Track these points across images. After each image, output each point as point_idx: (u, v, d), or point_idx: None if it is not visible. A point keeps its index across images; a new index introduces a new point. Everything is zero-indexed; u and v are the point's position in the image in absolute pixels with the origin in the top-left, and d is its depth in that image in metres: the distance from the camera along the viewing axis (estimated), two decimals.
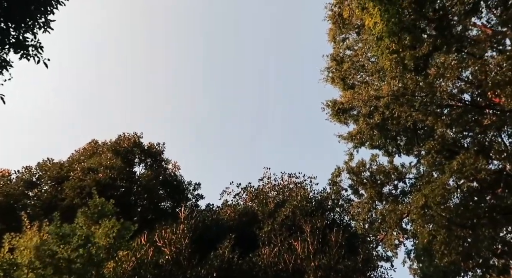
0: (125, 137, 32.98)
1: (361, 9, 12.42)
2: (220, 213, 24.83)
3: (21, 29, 11.78)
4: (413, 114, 17.84)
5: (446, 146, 18.29)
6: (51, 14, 11.97)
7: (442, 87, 16.22)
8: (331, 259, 15.57)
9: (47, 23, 12.02)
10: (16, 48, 11.87)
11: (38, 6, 11.81)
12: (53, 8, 12.03)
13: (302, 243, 16.75)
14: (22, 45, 11.90)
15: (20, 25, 11.71)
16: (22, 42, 11.89)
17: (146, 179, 31.99)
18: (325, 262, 15.51)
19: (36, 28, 12.00)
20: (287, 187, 22.40)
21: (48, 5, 11.97)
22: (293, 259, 16.06)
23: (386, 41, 12.21)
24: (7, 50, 11.92)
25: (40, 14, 11.93)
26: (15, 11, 11.30)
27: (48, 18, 11.91)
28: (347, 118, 23.06)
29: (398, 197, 24.69)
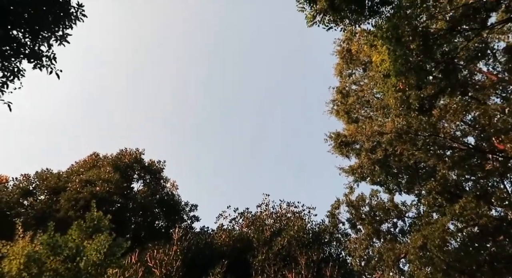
0: (127, 152, 33.08)
1: (369, 46, 12.70)
2: (215, 237, 24.45)
3: (37, 41, 12.08)
4: (416, 153, 17.81)
5: (447, 188, 18.13)
6: (69, 28, 12.30)
7: (445, 128, 16.29)
8: None
9: (64, 36, 12.32)
10: (30, 58, 12.12)
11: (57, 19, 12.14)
12: (72, 23, 12.36)
13: (296, 276, 16.35)
14: (36, 56, 12.15)
15: (37, 36, 12.01)
16: (37, 53, 12.14)
17: (143, 196, 31.77)
18: None
19: (52, 40, 12.28)
20: (285, 216, 22.14)
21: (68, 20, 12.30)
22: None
23: (392, 79, 12.40)
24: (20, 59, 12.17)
25: (58, 28, 12.25)
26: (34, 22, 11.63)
27: (65, 32, 12.24)
28: (349, 151, 23.05)
29: (396, 236, 24.21)
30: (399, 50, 11.12)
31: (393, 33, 11.24)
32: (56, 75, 12.36)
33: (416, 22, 11.62)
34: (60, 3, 11.79)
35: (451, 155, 17.54)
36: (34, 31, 11.82)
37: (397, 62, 11.26)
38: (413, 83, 13.05)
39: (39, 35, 11.97)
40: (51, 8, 11.69)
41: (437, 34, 12.13)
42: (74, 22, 12.35)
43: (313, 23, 13.15)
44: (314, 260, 17.34)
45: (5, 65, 11.95)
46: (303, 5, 12.96)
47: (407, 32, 11.07)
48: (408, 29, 11.37)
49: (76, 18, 12.25)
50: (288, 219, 21.77)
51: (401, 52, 11.13)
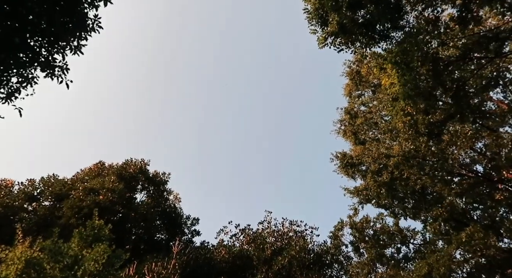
0: (132, 162, 33.18)
1: (379, 69, 12.74)
2: (215, 252, 24.13)
3: (52, 50, 12.29)
4: (423, 178, 17.56)
5: (454, 215, 17.75)
6: (84, 40, 12.50)
7: (454, 155, 16.09)
8: None
9: (79, 47, 12.52)
10: (44, 67, 12.32)
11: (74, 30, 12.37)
12: (87, 34, 12.58)
13: None
14: (50, 65, 12.34)
15: (53, 46, 12.23)
16: (50, 62, 12.34)
17: (145, 207, 31.67)
18: None
19: (67, 50, 12.49)
20: (287, 235, 21.81)
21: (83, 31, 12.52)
22: None
23: (401, 103, 12.38)
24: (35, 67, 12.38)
25: (74, 38, 12.47)
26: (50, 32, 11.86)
27: (80, 43, 12.45)
28: (355, 172, 22.83)
29: (400, 262, 23.63)
30: (408, 75, 11.12)
31: (403, 58, 11.27)
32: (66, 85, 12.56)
33: (427, 48, 11.65)
34: (78, 15, 12.03)
35: (459, 181, 17.26)
36: (50, 41, 12.04)
37: (406, 86, 11.25)
38: (421, 108, 13.01)
39: (55, 45, 12.19)
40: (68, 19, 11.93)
41: (448, 60, 12.13)
42: (90, 34, 12.57)
43: (325, 44, 13.27)
44: None
45: (19, 72, 12.17)
46: (315, 27, 13.13)
47: (417, 57, 11.09)
48: (418, 55, 11.40)
49: (92, 29, 12.46)
50: (289, 238, 21.45)
51: (410, 77, 11.13)
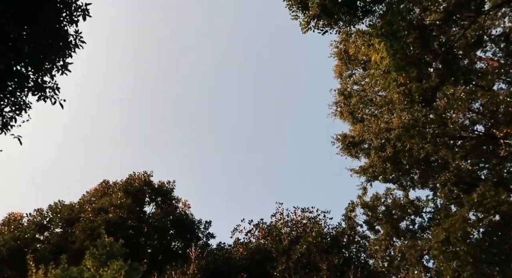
0: (136, 176, 33.15)
1: (366, 45, 12.77)
2: (232, 251, 24.21)
3: (40, 73, 12.22)
4: (426, 146, 17.63)
5: (462, 178, 17.84)
6: (69, 57, 12.44)
7: (453, 119, 16.15)
8: None
9: (65, 66, 12.44)
10: (34, 91, 12.25)
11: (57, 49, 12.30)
12: (71, 52, 12.51)
13: None
14: (40, 88, 12.27)
15: (39, 68, 12.15)
16: (40, 85, 12.26)
17: (156, 218, 31.70)
18: None
19: (54, 71, 12.42)
20: (301, 223, 21.88)
21: (67, 49, 12.45)
22: None
23: (393, 74, 12.40)
24: (26, 93, 12.31)
25: (59, 58, 12.40)
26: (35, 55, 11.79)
27: (66, 61, 12.38)
28: (358, 152, 22.88)
29: (416, 233, 23.76)
30: (397, 45, 11.15)
31: (389, 29, 11.30)
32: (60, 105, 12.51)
33: (410, 16, 11.67)
34: (59, 34, 11.95)
35: (462, 144, 17.35)
36: (36, 64, 11.97)
37: (396, 57, 11.28)
38: (414, 76, 13.04)
39: (41, 67, 12.11)
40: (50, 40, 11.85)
41: (433, 25, 12.16)
42: (74, 50, 12.50)
43: (308, 28, 13.26)
44: (335, 265, 17.05)
45: (11, 100, 12.10)
46: (296, 13, 13.12)
47: (402, 27, 11.12)
48: (403, 24, 11.42)
49: (75, 46, 12.39)
50: (304, 225, 21.52)
51: (398, 47, 11.16)
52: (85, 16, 11.55)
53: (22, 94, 12.23)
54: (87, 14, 11.52)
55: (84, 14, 11.43)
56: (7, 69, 10.90)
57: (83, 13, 11.44)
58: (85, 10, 11.38)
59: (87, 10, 11.47)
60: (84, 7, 11.26)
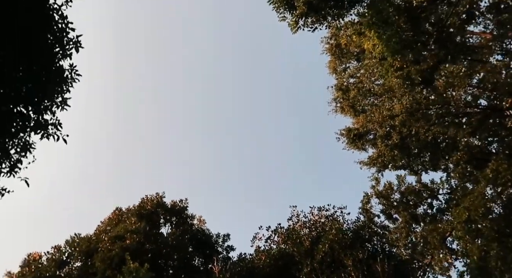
0: (148, 199, 33.11)
1: (358, 35, 12.79)
2: (254, 261, 24.04)
3: (40, 111, 12.24)
4: (432, 128, 17.54)
5: (473, 155, 17.71)
6: (67, 92, 12.45)
7: (454, 96, 16.08)
8: None
9: (64, 101, 12.45)
10: (36, 130, 12.25)
11: (55, 86, 12.33)
12: (68, 87, 12.54)
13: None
14: (42, 126, 12.28)
15: (39, 107, 12.17)
16: (42, 123, 12.27)
17: (173, 238, 31.57)
18: None
19: (54, 108, 12.43)
20: (319, 222, 21.74)
21: (64, 84, 12.47)
22: None
23: (389, 60, 12.40)
24: (28, 132, 12.31)
25: (57, 94, 12.42)
26: (34, 95, 11.81)
27: (64, 96, 12.40)
28: (364, 143, 22.77)
29: (435, 216, 23.52)
30: (390, 31, 11.16)
31: (378, 17, 11.32)
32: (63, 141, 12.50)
33: (397, 0, 11.70)
34: (55, 71, 11.98)
35: (468, 121, 17.25)
36: (36, 103, 11.98)
37: (391, 42, 11.28)
38: (410, 59, 13.03)
39: (41, 106, 12.12)
40: (47, 78, 11.89)
41: (421, 7, 12.18)
42: (71, 85, 12.53)
43: (297, 28, 13.31)
44: (360, 259, 16.89)
45: (14, 142, 12.11)
46: (284, 13, 13.18)
47: (391, 12, 11.13)
48: (392, 10, 11.44)
49: (72, 80, 12.43)
50: (323, 224, 21.38)
51: (392, 32, 11.17)
52: (78, 48, 11.62)
53: (25, 134, 12.26)
54: (79, 46, 11.58)
55: (76, 46, 11.50)
56: (8, 111, 10.94)
57: (76, 46, 11.51)
58: (77, 42, 11.44)
59: (79, 42, 11.53)
60: (75, 40, 11.34)
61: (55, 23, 10.99)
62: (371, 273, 16.21)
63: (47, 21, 10.93)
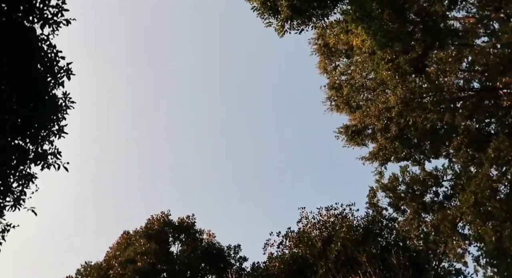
0: (154, 219, 32.89)
1: (345, 32, 12.93)
2: (268, 268, 23.84)
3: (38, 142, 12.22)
4: (428, 116, 17.63)
5: (473, 138, 17.77)
6: (62, 120, 12.45)
7: (447, 82, 16.21)
8: None
9: (61, 129, 12.44)
10: (36, 161, 12.22)
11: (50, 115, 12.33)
12: (63, 114, 12.54)
13: (364, 276, 15.76)
14: (41, 157, 12.25)
15: (36, 138, 12.15)
16: (41, 154, 12.24)
17: (184, 256, 31.31)
18: None
19: (51, 137, 12.42)
20: (328, 222, 21.63)
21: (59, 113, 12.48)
22: None
23: (378, 53, 12.52)
24: (28, 164, 12.28)
25: (53, 123, 12.41)
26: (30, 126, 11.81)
27: (60, 124, 12.39)
28: (364, 139, 22.82)
29: (443, 203, 23.49)
30: (375, 25, 11.29)
31: (362, 12, 11.45)
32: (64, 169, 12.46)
33: None
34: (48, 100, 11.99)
35: (464, 105, 17.36)
36: (32, 134, 11.97)
37: (377, 35, 11.41)
38: (399, 50, 13.16)
39: (38, 136, 12.10)
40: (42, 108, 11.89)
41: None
42: (66, 112, 12.54)
43: (284, 32, 13.45)
44: (374, 254, 16.81)
45: (16, 174, 12.07)
46: (269, 19, 13.33)
47: (374, 6, 11.28)
48: (374, 3, 11.59)
49: (66, 107, 12.44)
50: (332, 223, 21.29)
51: (377, 26, 11.30)
52: (69, 75, 11.66)
53: (25, 167, 12.23)
54: (70, 73, 11.63)
55: (68, 74, 11.55)
56: (7, 144, 10.93)
57: (67, 73, 11.57)
58: (68, 70, 11.50)
59: (70, 70, 11.58)
60: (66, 67, 11.40)
61: (45, 54, 11.06)
62: (386, 267, 16.11)
63: (36, 52, 10.99)
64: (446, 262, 22.89)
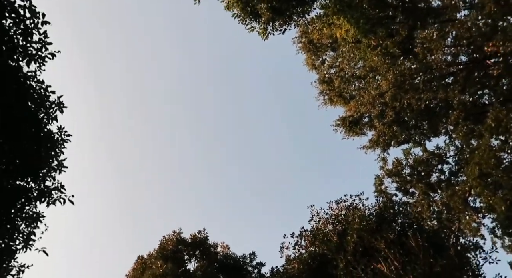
0: (167, 239, 32.72)
1: (327, 26, 13.00)
2: (287, 270, 23.68)
3: (39, 180, 12.09)
4: (422, 96, 17.72)
5: (469, 111, 17.88)
6: (60, 154, 12.34)
7: (435, 60, 16.31)
8: (425, 265, 14.41)
9: (60, 164, 12.33)
10: (40, 199, 12.10)
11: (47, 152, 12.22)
12: (61, 148, 12.43)
13: (385, 263, 15.67)
14: (45, 194, 12.13)
15: (37, 176, 12.02)
16: (44, 191, 12.12)
17: (202, 271, 31.13)
18: (420, 270, 14.34)
19: (52, 173, 12.29)
20: (340, 215, 21.56)
21: (56, 148, 12.36)
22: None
23: (364, 41, 12.57)
24: (34, 203, 12.14)
25: (51, 159, 12.29)
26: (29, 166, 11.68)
27: (59, 159, 12.28)
28: (362, 128, 22.89)
29: (450, 180, 23.56)
30: (356, 13, 11.36)
31: (341, 3, 11.52)
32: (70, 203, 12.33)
33: None
34: (44, 137, 11.88)
35: (455, 80, 17.46)
36: (33, 173, 11.84)
37: (360, 23, 11.48)
38: (384, 34, 13.23)
39: (39, 174, 11.98)
40: (38, 146, 11.78)
41: None
42: (63, 146, 12.43)
43: (267, 34, 13.48)
44: (392, 240, 16.75)
45: (22, 215, 11.93)
46: (250, 24, 13.37)
47: None
48: None
49: (63, 141, 12.33)
50: (345, 216, 21.22)
51: (358, 14, 11.36)
52: (62, 108, 11.57)
53: (31, 207, 12.10)
54: (62, 106, 11.55)
55: (60, 107, 11.47)
56: (9, 186, 10.81)
57: (59, 107, 11.48)
58: (60, 103, 11.41)
59: (62, 103, 11.50)
60: (58, 101, 11.31)
61: (34, 90, 10.98)
62: (406, 251, 16.04)
63: (24, 90, 10.91)
64: (464, 238, 22.87)
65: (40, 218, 12.11)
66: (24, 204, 11.89)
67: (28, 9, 8.64)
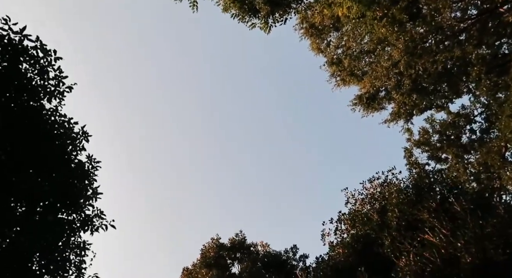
0: (207, 247, 33.15)
1: (328, 6, 12.77)
2: (333, 257, 23.55)
3: (79, 210, 12.40)
4: (436, 58, 17.18)
5: (490, 65, 17.22)
6: (94, 182, 12.62)
7: (444, 18, 15.76)
8: (474, 228, 14.01)
9: (95, 192, 12.60)
10: (83, 227, 12.40)
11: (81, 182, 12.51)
12: (94, 176, 12.71)
13: (432, 232, 15.34)
14: (87, 222, 12.44)
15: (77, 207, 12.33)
16: (86, 220, 12.43)
17: (247, 273, 31.40)
18: (471, 234, 13.95)
19: (89, 201, 12.59)
20: (376, 193, 21.27)
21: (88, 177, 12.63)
22: (446, 250, 14.46)
23: (369, 14, 12.28)
24: (78, 233, 12.46)
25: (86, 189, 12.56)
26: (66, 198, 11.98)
27: (93, 186, 12.55)
28: (380, 102, 22.36)
29: (482, 138, 22.83)
30: None
31: None
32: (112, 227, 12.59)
33: None
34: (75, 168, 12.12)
35: (469, 35, 16.85)
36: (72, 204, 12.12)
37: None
38: (387, 3, 12.88)
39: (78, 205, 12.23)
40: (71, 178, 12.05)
41: None
42: (94, 174, 12.71)
43: (270, 28, 13.35)
44: (435, 208, 16.38)
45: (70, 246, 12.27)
46: (251, 21, 13.26)
47: None
48: None
49: (94, 169, 12.59)
50: (381, 193, 20.92)
51: None
52: (87, 138, 11.83)
53: (75, 237, 12.43)
54: (87, 135, 11.80)
55: (85, 137, 11.73)
56: (55, 219, 11.13)
57: (84, 136, 11.74)
58: (84, 133, 11.67)
59: (86, 133, 11.75)
60: (82, 131, 11.57)
61: (58, 125, 11.25)
62: (452, 217, 15.63)
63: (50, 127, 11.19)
64: (507, 196, 22.15)
65: (86, 246, 12.43)
66: (70, 235, 12.23)
67: (40, 49, 8.85)
